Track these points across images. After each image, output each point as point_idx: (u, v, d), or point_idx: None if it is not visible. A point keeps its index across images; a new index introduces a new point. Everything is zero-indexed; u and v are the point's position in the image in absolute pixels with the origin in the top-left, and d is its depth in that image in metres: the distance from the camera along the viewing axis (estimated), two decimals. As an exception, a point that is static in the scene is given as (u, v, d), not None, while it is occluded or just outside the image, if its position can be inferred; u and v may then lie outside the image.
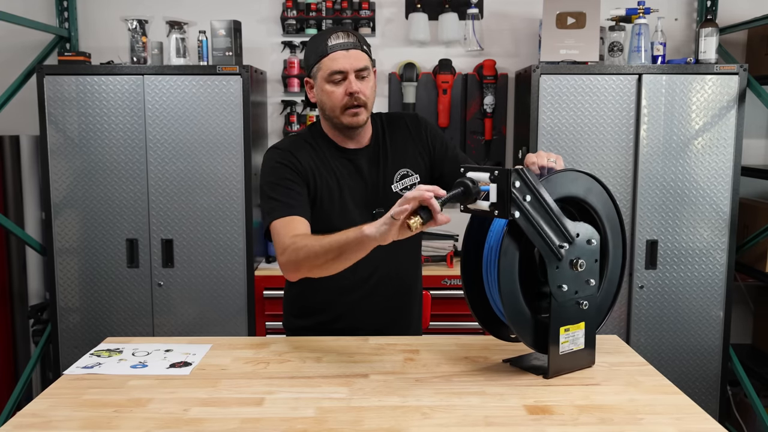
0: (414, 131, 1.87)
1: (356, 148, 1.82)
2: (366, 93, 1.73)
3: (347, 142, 1.82)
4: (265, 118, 3.50)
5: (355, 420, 1.29)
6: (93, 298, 3.12)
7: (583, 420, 1.29)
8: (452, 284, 3.06)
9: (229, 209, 3.08)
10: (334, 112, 1.74)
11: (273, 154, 1.79)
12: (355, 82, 1.71)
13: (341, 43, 1.70)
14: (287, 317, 1.97)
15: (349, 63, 1.70)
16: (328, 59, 1.70)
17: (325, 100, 1.75)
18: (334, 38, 1.70)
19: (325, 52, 1.70)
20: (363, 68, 1.72)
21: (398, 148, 1.85)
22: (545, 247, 1.44)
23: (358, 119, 1.74)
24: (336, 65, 1.70)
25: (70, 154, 3.06)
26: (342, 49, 1.70)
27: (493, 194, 1.39)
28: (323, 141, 1.82)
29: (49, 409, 1.35)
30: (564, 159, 3.01)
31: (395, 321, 1.90)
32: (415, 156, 1.85)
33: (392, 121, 1.89)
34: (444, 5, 3.44)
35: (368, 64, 1.74)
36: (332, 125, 1.80)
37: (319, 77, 1.73)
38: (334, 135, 1.82)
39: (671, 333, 3.12)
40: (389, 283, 1.86)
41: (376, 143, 1.84)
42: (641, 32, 3.07)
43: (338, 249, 1.51)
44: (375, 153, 1.83)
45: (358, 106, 1.73)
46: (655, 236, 3.07)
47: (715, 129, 3.03)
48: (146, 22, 3.13)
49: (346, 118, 1.74)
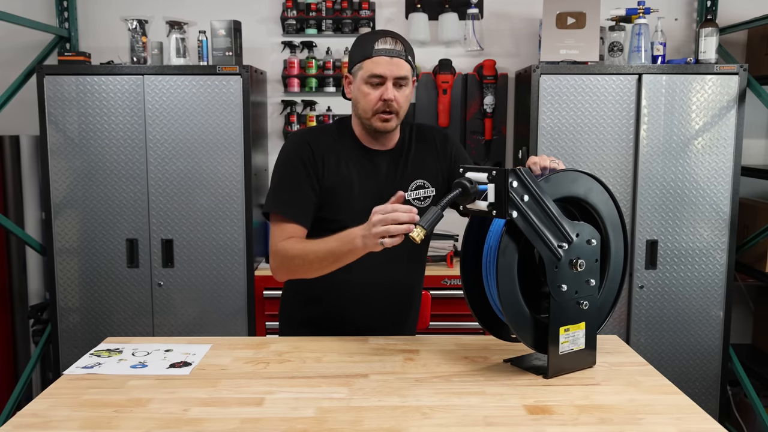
0: (440, 147, 1.91)
1: (380, 149, 1.84)
2: (400, 101, 1.75)
3: (373, 143, 1.84)
4: (265, 118, 3.50)
5: (355, 420, 1.29)
6: (93, 298, 3.12)
7: (583, 420, 1.29)
8: (452, 284, 3.06)
9: (229, 209, 3.08)
10: (366, 114, 1.77)
11: (293, 143, 1.83)
12: (391, 89, 1.73)
13: (387, 49, 1.72)
14: (286, 312, 1.97)
15: (390, 70, 1.72)
16: (371, 62, 1.72)
17: (360, 100, 1.77)
18: (382, 42, 1.73)
19: (370, 54, 1.72)
20: (403, 77, 1.74)
21: (421, 158, 1.87)
22: (544, 247, 1.43)
23: (388, 125, 1.77)
24: (377, 69, 1.72)
25: (70, 154, 3.06)
26: (386, 56, 1.72)
27: (491, 194, 1.39)
28: (348, 138, 1.84)
29: (49, 409, 1.35)
30: (564, 159, 3.05)
31: (392, 321, 1.90)
32: (435, 170, 1.88)
33: (422, 132, 1.92)
34: (444, 5, 3.44)
35: (408, 74, 1.76)
36: (361, 125, 1.82)
37: (359, 77, 1.76)
38: (361, 134, 1.84)
39: (671, 333, 3.12)
40: (393, 284, 1.86)
41: (401, 149, 1.87)
42: (641, 32, 3.07)
43: (329, 257, 1.64)
44: (397, 157, 1.85)
45: (390, 113, 1.75)
46: (655, 236, 3.07)
47: (715, 129, 3.03)
48: (146, 22, 3.13)
49: (376, 122, 1.76)
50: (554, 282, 1.46)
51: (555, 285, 1.46)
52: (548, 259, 1.45)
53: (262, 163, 3.36)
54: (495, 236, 1.48)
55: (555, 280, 1.46)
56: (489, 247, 1.50)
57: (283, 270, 1.76)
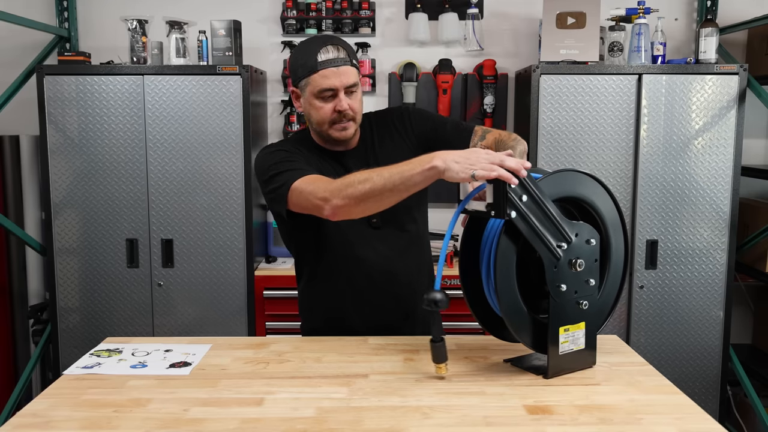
0: (399, 125, 1.86)
1: (344, 150, 1.82)
2: (355, 108, 1.73)
3: (335, 147, 1.81)
4: (265, 118, 3.50)
5: (355, 420, 1.29)
6: (93, 298, 3.12)
7: (583, 420, 1.29)
8: (452, 284, 3.06)
9: (229, 209, 3.08)
10: (322, 127, 1.74)
11: (267, 152, 1.77)
12: (344, 99, 1.70)
13: (331, 59, 1.68)
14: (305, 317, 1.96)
15: (340, 81, 1.68)
16: (319, 75, 1.68)
17: (313, 114, 1.74)
18: (324, 53, 1.68)
19: (315, 68, 1.68)
20: (353, 84, 1.71)
21: (387, 147, 1.84)
22: (543, 247, 1.43)
23: (346, 133, 1.75)
24: (326, 83, 1.68)
25: (70, 154, 3.06)
26: (332, 66, 1.68)
27: (490, 194, 1.39)
28: (312, 146, 1.82)
29: (49, 409, 1.35)
30: (564, 159, 3.05)
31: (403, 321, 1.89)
32: (404, 151, 1.80)
33: (380, 120, 1.88)
34: (444, 5, 3.44)
35: (357, 80, 1.73)
36: (319, 135, 1.80)
37: (308, 92, 1.72)
38: (320, 141, 1.82)
39: (671, 333, 3.12)
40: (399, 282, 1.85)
41: (364, 145, 1.84)
42: (641, 32, 3.07)
43: (398, 180, 1.46)
44: (364, 154, 1.82)
45: (346, 121, 1.73)
46: (655, 236, 3.07)
47: (715, 129, 3.03)
48: (146, 22, 3.13)
49: (334, 132, 1.74)
50: (554, 282, 1.46)
51: (554, 285, 1.46)
52: (547, 259, 1.44)
53: (262, 163, 3.36)
54: (494, 236, 1.48)
55: (554, 280, 1.46)
56: (488, 248, 1.49)
57: (342, 198, 1.52)
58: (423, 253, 1.94)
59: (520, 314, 1.47)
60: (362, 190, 1.50)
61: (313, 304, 1.91)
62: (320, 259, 1.83)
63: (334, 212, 1.55)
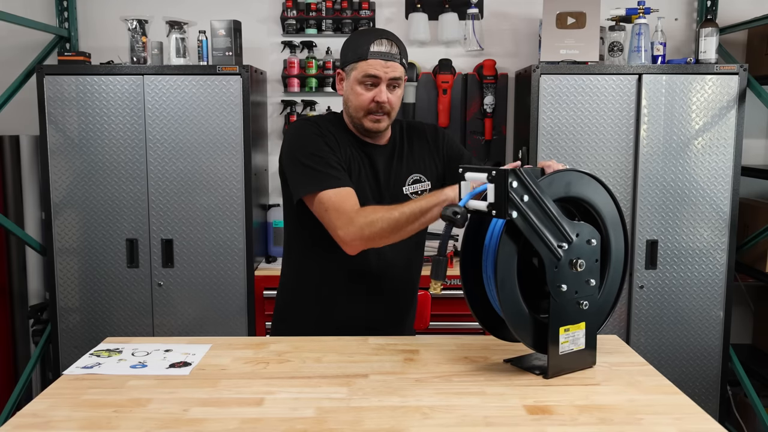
0: (432, 141, 1.92)
1: (374, 143, 1.85)
2: (393, 103, 1.76)
3: (365, 138, 1.84)
4: (265, 118, 3.50)
5: (355, 420, 1.29)
6: (93, 298, 3.12)
7: (583, 420, 1.29)
8: (452, 284, 3.06)
9: (229, 209, 3.08)
10: (358, 113, 1.77)
11: (307, 124, 1.79)
12: (385, 91, 1.74)
13: (383, 52, 1.72)
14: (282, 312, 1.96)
15: (385, 72, 1.73)
16: (366, 63, 1.72)
17: (353, 99, 1.77)
18: (377, 45, 1.72)
19: (365, 56, 1.72)
20: (397, 78, 1.75)
21: (415, 153, 1.88)
22: (544, 247, 1.43)
23: (379, 125, 1.78)
24: (371, 70, 1.72)
25: (70, 154, 3.06)
26: (381, 59, 1.72)
27: (491, 194, 1.39)
28: (344, 131, 1.84)
29: (49, 409, 1.35)
30: (564, 159, 3.05)
31: (394, 319, 1.90)
32: (430, 164, 1.89)
33: (412, 128, 1.93)
34: (444, 5, 3.44)
35: (402, 75, 1.77)
36: (352, 122, 1.82)
37: (353, 76, 1.76)
38: (353, 129, 1.84)
39: (671, 333, 3.12)
40: (394, 280, 1.86)
41: (393, 145, 1.87)
42: (641, 32, 3.07)
43: (416, 213, 1.60)
44: (392, 153, 1.86)
45: (382, 114, 1.76)
46: (655, 236, 3.07)
47: (715, 129, 3.03)
48: (146, 22, 3.13)
49: (367, 122, 1.77)
50: (554, 282, 1.46)
51: (555, 285, 1.46)
52: (548, 259, 1.44)
53: (262, 163, 3.36)
54: (495, 236, 1.48)
55: (555, 280, 1.46)
56: (489, 247, 1.49)
57: (362, 238, 1.64)
58: (419, 254, 1.97)
59: (520, 314, 1.47)
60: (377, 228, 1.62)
61: (301, 287, 1.91)
62: (315, 246, 1.83)
63: (347, 239, 1.66)
